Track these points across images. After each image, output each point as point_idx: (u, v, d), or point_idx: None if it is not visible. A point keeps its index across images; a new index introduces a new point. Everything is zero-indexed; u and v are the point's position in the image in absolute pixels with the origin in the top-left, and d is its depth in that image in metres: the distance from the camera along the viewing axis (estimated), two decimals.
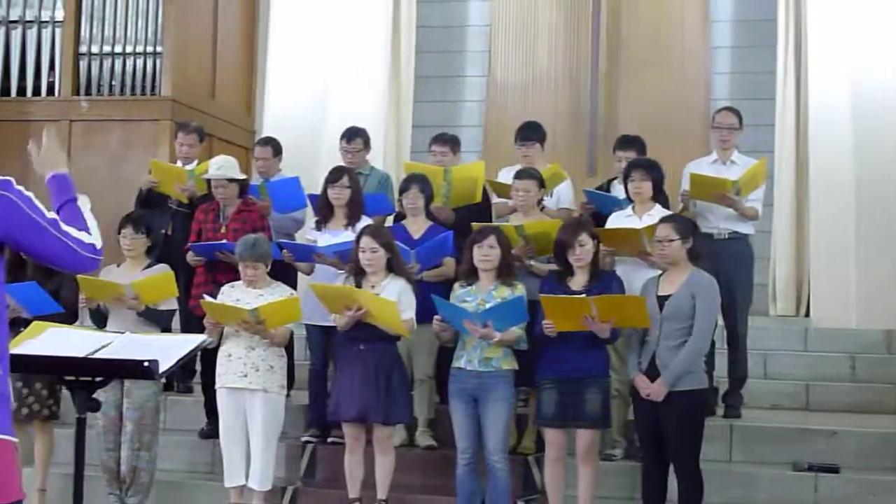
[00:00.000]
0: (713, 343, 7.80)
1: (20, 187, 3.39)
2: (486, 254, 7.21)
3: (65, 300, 7.92)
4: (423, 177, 8.41)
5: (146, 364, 3.68)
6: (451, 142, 9.23)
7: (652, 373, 6.92)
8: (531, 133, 8.99)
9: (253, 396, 7.63)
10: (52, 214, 3.46)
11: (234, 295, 7.74)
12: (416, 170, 8.76)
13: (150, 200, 9.30)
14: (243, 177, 8.75)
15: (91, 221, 3.63)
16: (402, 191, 8.32)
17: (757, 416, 8.86)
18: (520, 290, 7.24)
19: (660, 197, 8.03)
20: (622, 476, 7.85)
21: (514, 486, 7.44)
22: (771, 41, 12.78)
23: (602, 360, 7.20)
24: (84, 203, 3.70)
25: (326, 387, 8.40)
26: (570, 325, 6.94)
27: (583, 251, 7.14)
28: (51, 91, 11.93)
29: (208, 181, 8.65)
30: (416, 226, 8.30)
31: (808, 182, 11.99)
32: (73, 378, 3.80)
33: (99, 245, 3.56)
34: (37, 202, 3.41)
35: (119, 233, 8.04)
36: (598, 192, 8.89)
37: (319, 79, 12.82)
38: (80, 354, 3.79)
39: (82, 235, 3.50)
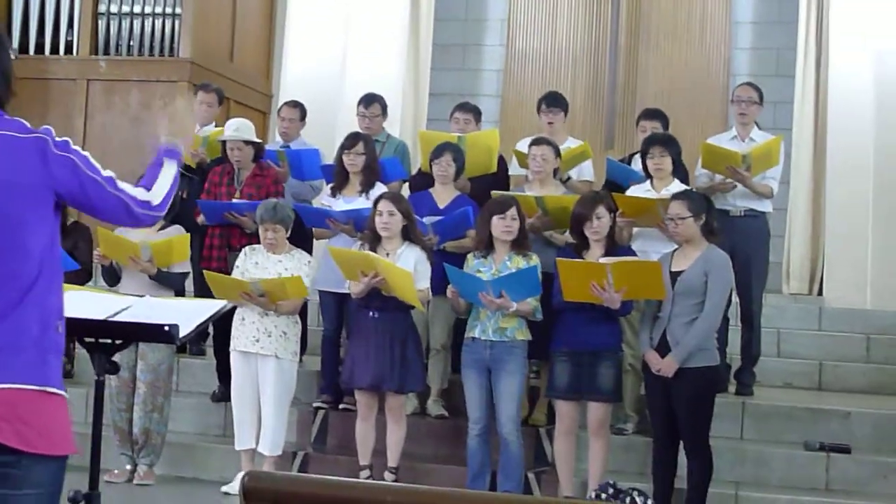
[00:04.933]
0: (727, 320, 7.79)
1: (77, 147, 3.43)
2: (508, 225, 7.17)
3: (79, 259, 7.93)
4: (457, 146, 8.36)
5: (167, 328, 3.67)
6: (474, 111, 9.22)
7: (663, 348, 6.90)
8: (558, 101, 8.94)
9: (265, 361, 7.63)
10: (108, 172, 3.50)
11: (254, 258, 7.73)
12: (432, 138, 8.72)
13: None
14: (259, 140, 8.72)
15: (162, 181, 3.67)
16: (434, 157, 8.26)
17: (769, 395, 8.85)
18: (534, 260, 7.22)
19: (678, 171, 7.99)
20: (633, 451, 7.86)
21: (525, 458, 7.43)
22: (792, 17, 12.74)
23: (615, 334, 7.19)
24: (171, 165, 3.74)
25: (339, 353, 8.42)
26: (583, 294, 6.91)
27: (600, 224, 7.11)
28: (69, 49, 11.94)
29: (223, 144, 8.61)
30: (445, 194, 8.24)
31: (826, 161, 11.95)
32: (92, 340, 3.81)
33: (156, 202, 3.60)
34: (93, 160, 3.46)
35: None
36: (618, 162, 8.85)
37: (338, 44, 12.78)
38: (101, 317, 3.79)
39: (138, 192, 3.54)
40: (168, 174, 3.72)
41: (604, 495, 6.81)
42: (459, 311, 7.46)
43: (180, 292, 8.16)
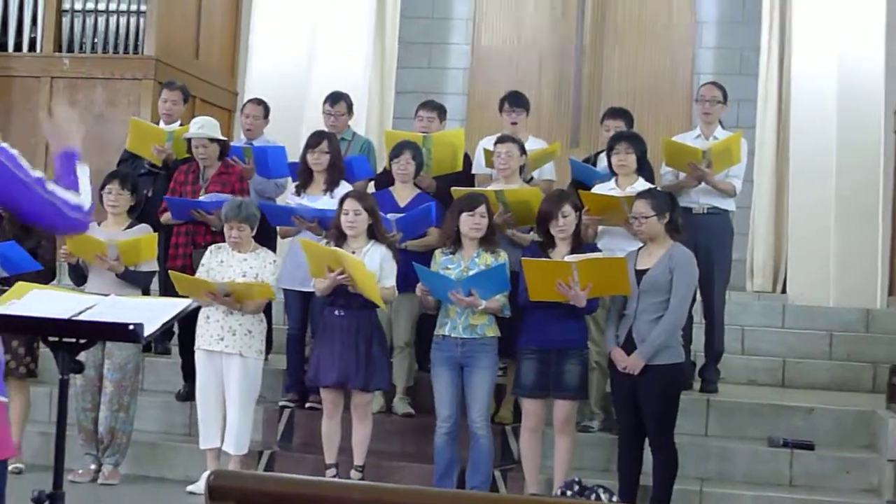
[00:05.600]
0: (691, 317, 7.83)
1: (5, 144, 3.36)
2: (477, 222, 7.19)
3: (43, 258, 7.89)
4: (416, 144, 8.38)
5: (132, 327, 3.65)
6: (438, 109, 9.23)
7: (629, 346, 6.93)
8: (520, 100, 8.96)
9: (230, 360, 7.63)
10: (37, 173, 3.43)
11: (220, 256, 7.73)
12: (397, 137, 8.73)
13: (127, 162, 9.23)
14: (224, 138, 8.70)
15: (84, 183, 3.62)
16: (394, 156, 8.28)
17: (733, 392, 8.90)
18: (503, 257, 7.24)
19: (644, 170, 8.02)
20: (599, 448, 7.88)
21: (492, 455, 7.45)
22: (756, 17, 12.83)
23: (581, 331, 7.22)
24: (83, 167, 3.68)
25: (304, 352, 8.42)
26: (549, 293, 6.93)
27: (565, 222, 7.12)
28: (32, 47, 11.85)
29: (188, 143, 8.59)
30: (404, 193, 8.27)
31: (790, 159, 12.03)
32: (57, 339, 3.79)
33: (87, 206, 3.54)
34: (21, 160, 3.38)
35: (103, 188, 7.98)
36: (581, 162, 8.87)
37: (304, 42, 12.77)
38: (65, 316, 3.77)
39: (69, 195, 3.48)
40: (85, 176, 3.67)
41: (569, 492, 6.83)
42: (429, 308, 7.47)
43: (146, 291, 8.14)
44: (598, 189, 7.97)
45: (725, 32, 13.46)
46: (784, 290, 12.06)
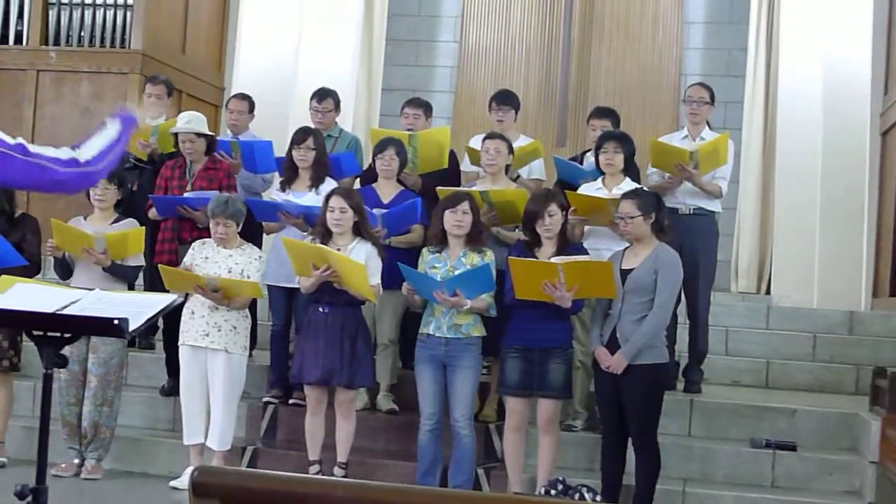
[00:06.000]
0: (675, 318, 7.86)
1: None
2: (459, 219, 7.20)
3: (28, 252, 7.86)
4: (400, 141, 8.38)
5: (116, 322, 3.65)
6: (424, 106, 9.23)
7: (613, 345, 6.94)
8: (508, 98, 8.97)
9: (214, 356, 7.62)
10: (15, 140, 3.40)
11: (205, 252, 7.72)
12: (382, 135, 8.73)
13: None
14: (211, 133, 8.69)
15: (96, 138, 3.59)
16: (378, 153, 8.28)
17: (717, 392, 8.92)
18: (489, 256, 7.25)
19: (630, 170, 8.03)
20: (582, 447, 7.89)
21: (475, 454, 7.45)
22: (743, 18, 12.86)
23: (566, 331, 7.22)
24: (111, 126, 3.65)
25: (288, 348, 8.41)
26: (534, 293, 6.94)
27: (552, 221, 7.12)
28: (19, 40, 11.81)
29: (175, 137, 8.58)
30: (388, 190, 8.27)
31: (776, 161, 12.06)
32: (41, 333, 3.78)
33: (84, 157, 3.51)
34: None
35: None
36: (566, 160, 8.87)
37: (291, 38, 12.77)
38: (50, 310, 3.76)
39: (59, 153, 3.45)
40: (107, 133, 3.64)
41: (553, 492, 6.84)
42: (415, 306, 7.47)
43: (131, 286, 8.12)
44: (585, 189, 7.97)
45: (713, 33, 13.50)
46: (769, 292, 12.09)
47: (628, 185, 7.74)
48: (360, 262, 7.18)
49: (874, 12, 11.64)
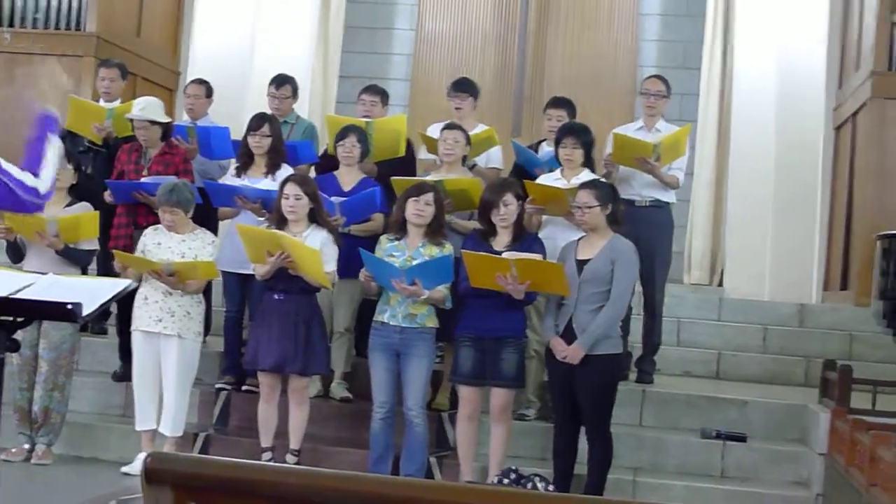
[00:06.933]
0: (630, 309, 7.87)
1: None
2: (420, 209, 7.20)
3: None
4: (362, 129, 8.37)
5: (70, 307, 3.63)
6: (381, 93, 9.21)
7: (568, 336, 6.96)
8: (466, 86, 8.97)
9: (168, 341, 7.59)
10: None
11: (157, 238, 7.69)
12: (339, 122, 8.71)
13: (65, 140, 9.13)
14: (167, 119, 8.63)
15: (48, 166, 3.59)
16: (339, 140, 8.26)
17: (669, 383, 8.97)
18: (448, 249, 7.25)
19: (589, 161, 8.05)
20: (534, 436, 7.91)
21: (427, 443, 7.47)
22: (700, 11, 12.92)
23: (519, 321, 7.24)
24: (53, 146, 3.65)
25: (242, 335, 8.39)
26: (488, 283, 6.96)
27: (507, 211, 7.14)
28: None
29: (132, 122, 8.52)
30: (349, 177, 8.25)
31: (729, 153, 12.13)
32: None
33: (43, 190, 3.52)
34: None
35: None
36: (525, 148, 8.89)
37: (247, 22, 12.72)
38: (2, 294, 3.73)
39: (25, 177, 3.45)
40: (53, 155, 3.64)
41: (506, 480, 6.86)
42: (371, 293, 7.47)
43: (85, 270, 8.08)
44: (544, 179, 7.98)
45: (669, 25, 13.55)
46: (721, 284, 12.16)
47: (587, 175, 7.76)
48: (314, 249, 7.17)
49: (830, 7, 11.73)
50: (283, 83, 9.11)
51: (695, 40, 13.03)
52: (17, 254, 7.91)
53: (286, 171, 8.14)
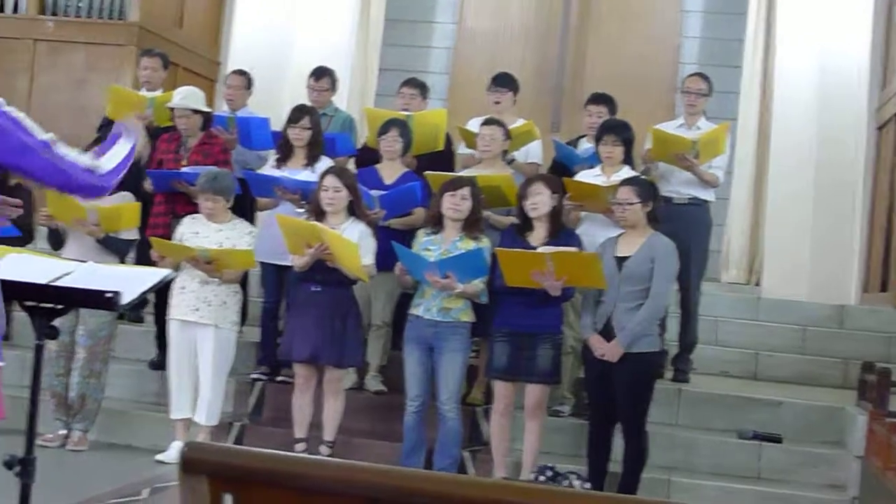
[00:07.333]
0: (665, 307, 7.84)
1: (9, 108, 3.35)
2: (457, 203, 7.19)
3: (20, 222, 7.82)
4: (404, 122, 8.36)
5: (109, 295, 3.65)
6: (421, 87, 9.22)
7: (606, 333, 6.94)
8: (506, 81, 8.95)
9: (204, 331, 7.62)
10: (46, 136, 3.42)
11: (195, 227, 7.71)
12: (378, 114, 8.72)
13: (106, 129, 9.18)
14: (207, 109, 8.66)
15: (114, 151, 3.61)
16: (381, 133, 8.26)
17: (705, 382, 8.94)
18: (484, 243, 7.23)
19: (629, 158, 8.02)
20: (568, 433, 7.90)
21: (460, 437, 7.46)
22: (742, 9, 12.82)
23: (556, 317, 7.22)
24: (124, 143, 3.69)
25: (278, 325, 8.40)
26: (524, 280, 6.94)
27: (537, 200, 7.12)
28: (16, 8, 11.76)
29: (172, 112, 8.55)
30: (391, 171, 8.24)
31: (770, 152, 12.05)
32: (33, 304, 3.77)
33: (103, 169, 3.53)
34: (26, 122, 3.37)
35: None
36: (564, 144, 8.88)
37: (287, 15, 12.72)
38: (42, 281, 3.75)
39: (81, 158, 3.47)
40: (123, 148, 3.67)
41: (542, 478, 6.86)
42: (407, 286, 7.48)
43: (123, 259, 8.10)
44: (583, 176, 7.97)
45: (711, 22, 13.48)
46: (759, 283, 12.09)
47: (627, 172, 7.74)
48: (353, 242, 7.17)
49: (874, 6, 11.63)
50: (322, 75, 9.13)
51: (737, 38, 12.94)
52: (57, 241, 7.95)
53: (325, 162, 8.15)
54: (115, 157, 3.61)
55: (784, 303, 10.88)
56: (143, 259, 8.21)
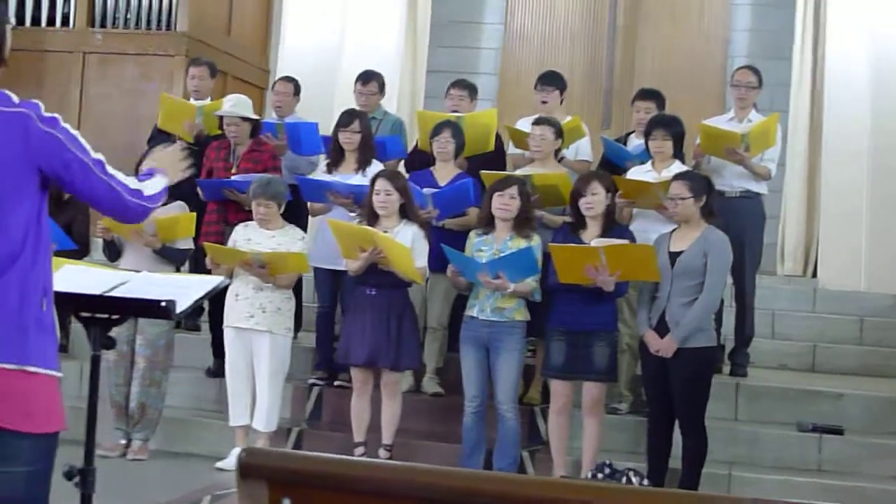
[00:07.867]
0: (721, 301, 7.79)
1: (66, 125, 3.38)
2: (506, 203, 7.18)
3: (76, 234, 7.91)
4: (456, 123, 8.36)
5: (164, 304, 3.66)
6: (469, 87, 9.21)
7: (661, 329, 6.91)
8: (553, 80, 8.94)
9: (259, 337, 7.65)
10: (98, 155, 3.45)
11: (247, 234, 7.75)
12: (429, 117, 8.72)
13: (157, 139, 9.24)
14: (256, 117, 8.70)
15: (154, 180, 3.67)
16: (434, 135, 8.27)
17: (763, 376, 8.88)
18: (535, 241, 7.22)
19: (680, 153, 7.99)
20: (626, 430, 7.87)
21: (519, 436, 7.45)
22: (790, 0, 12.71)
23: (611, 314, 7.19)
24: (161, 177, 3.75)
25: (334, 330, 8.42)
26: (577, 277, 6.92)
27: (594, 199, 7.10)
28: (65, 22, 11.88)
29: (221, 120, 8.60)
30: (444, 172, 8.24)
31: (822, 143, 11.94)
32: (89, 315, 3.80)
33: (147, 192, 3.56)
34: (82, 140, 3.40)
35: (139, 166, 7.98)
36: (613, 141, 8.85)
37: (336, 20, 12.74)
38: (98, 291, 3.77)
39: (130, 181, 3.50)
40: (159, 182, 3.71)
41: (600, 475, 6.83)
42: (461, 288, 7.48)
43: (178, 268, 8.15)
44: (635, 172, 7.94)
45: (760, 15, 13.36)
46: (815, 275, 11.99)
47: (678, 167, 7.71)
48: (405, 245, 7.18)
49: None
50: (369, 79, 9.15)
51: (786, 29, 12.82)
52: (113, 252, 8.00)
53: (376, 166, 8.17)
54: (153, 186, 3.64)
55: (841, 293, 10.79)
56: (198, 268, 8.26)
